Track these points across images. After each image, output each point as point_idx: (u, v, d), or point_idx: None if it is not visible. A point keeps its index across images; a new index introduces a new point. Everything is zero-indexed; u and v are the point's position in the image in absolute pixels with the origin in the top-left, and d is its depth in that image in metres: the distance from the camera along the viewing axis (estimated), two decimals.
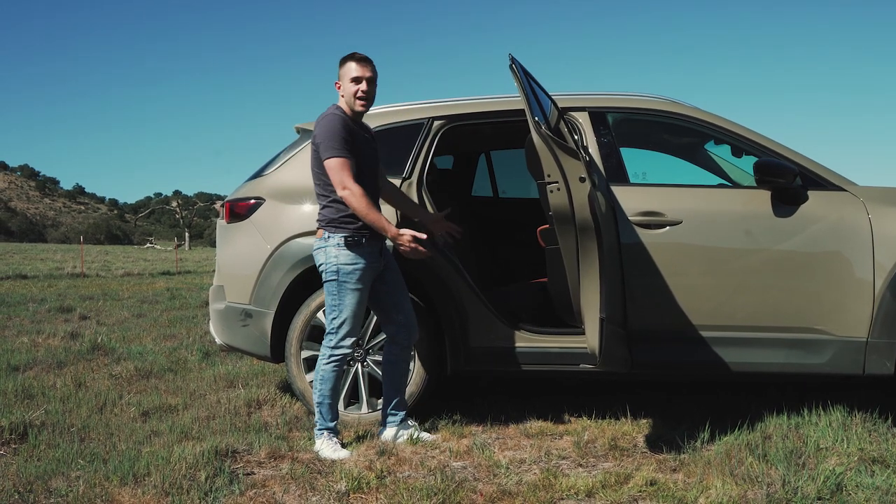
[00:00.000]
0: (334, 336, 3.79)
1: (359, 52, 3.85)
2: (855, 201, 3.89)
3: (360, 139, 3.82)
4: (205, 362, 6.30)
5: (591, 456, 3.61)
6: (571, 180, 3.45)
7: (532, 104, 3.50)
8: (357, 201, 3.65)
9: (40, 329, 8.44)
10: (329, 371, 3.80)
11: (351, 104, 3.81)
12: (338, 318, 3.78)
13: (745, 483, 3.11)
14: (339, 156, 3.67)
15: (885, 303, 3.76)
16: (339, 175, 3.67)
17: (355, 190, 3.65)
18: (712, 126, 4.23)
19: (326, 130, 3.70)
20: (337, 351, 3.80)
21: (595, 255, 3.41)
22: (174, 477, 3.23)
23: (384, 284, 3.93)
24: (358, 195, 3.66)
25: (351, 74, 3.79)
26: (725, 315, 3.94)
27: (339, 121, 3.72)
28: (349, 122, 3.77)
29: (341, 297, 3.76)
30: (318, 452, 3.71)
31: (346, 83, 3.80)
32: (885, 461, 3.33)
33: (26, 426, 4.14)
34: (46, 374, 5.83)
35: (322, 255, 3.78)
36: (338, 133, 3.69)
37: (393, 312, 3.95)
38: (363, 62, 3.81)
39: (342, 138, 3.68)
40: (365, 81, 3.79)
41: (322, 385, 3.80)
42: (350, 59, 3.82)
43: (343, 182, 3.66)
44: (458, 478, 3.27)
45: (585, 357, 4.00)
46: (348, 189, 3.66)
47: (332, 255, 3.75)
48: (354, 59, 3.81)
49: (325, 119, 3.74)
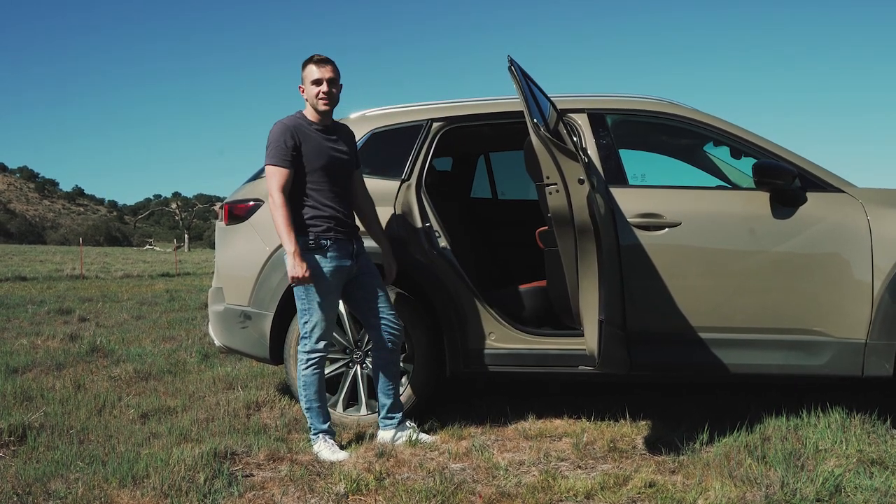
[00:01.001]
0: (308, 340, 3.80)
1: (318, 54, 3.86)
2: (854, 203, 3.89)
3: (316, 144, 3.80)
4: (204, 364, 6.30)
5: (589, 457, 3.61)
6: (570, 182, 3.45)
7: (531, 106, 3.50)
8: (274, 210, 3.67)
9: (39, 331, 8.44)
10: (310, 375, 3.80)
11: (315, 105, 3.82)
12: (309, 322, 3.78)
13: (744, 485, 3.11)
14: (272, 164, 3.70)
15: (884, 304, 3.76)
16: (268, 182, 3.71)
17: (277, 199, 3.66)
18: (711, 128, 4.23)
19: (270, 138, 3.75)
20: (313, 355, 3.80)
21: (594, 256, 3.41)
22: (173, 479, 3.23)
23: (361, 290, 3.92)
24: (277, 205, 3.66)
25: (312, 77, 3.80)
26: (724, 316, 3.94)
27: (283, 129, 3.75)
28: (298, 130, 3.77)
29: (310, 301, 3.76)
30: (317, 455, 3.71)
31: (308, 86, 3.82)
32: (884, 462, 3.33)
33: (25, 428, 4.14)
34: (45, 375, 5.83)
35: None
36: (277, 142, 3.72)
37: (370, 317, 3.94)
38: (322, 63, 3.82)
39: (281, 147, 3.71)
40: (325, 83, 3.79)
41: (306, 390, 3.81)
42: (309, 61, 3.84)
43: (269, 190, 3.70)
44: (457, 479, 3.27)
45: (584, 359, 4.00)
46: (271, 197, 3.68)
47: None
48: (313, 61, 3.83)
49: (274, 127, 3.78)
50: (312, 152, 3.77)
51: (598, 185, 3.93)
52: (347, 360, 4.27)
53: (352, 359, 4.27)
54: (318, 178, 3.78)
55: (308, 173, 3.76)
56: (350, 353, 4.27)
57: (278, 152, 3.70)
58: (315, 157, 3.77)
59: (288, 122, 3.79)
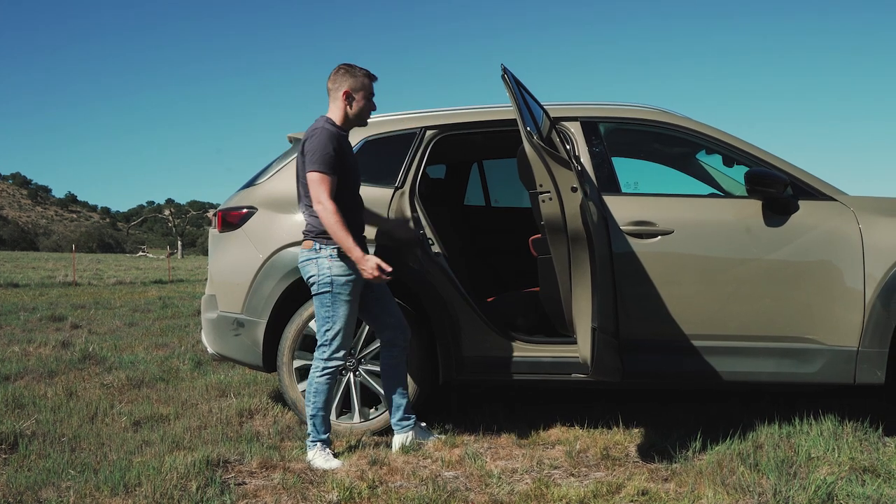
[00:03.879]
0: (327, 348, 3.78)
1: (368, 70, 3.91)
2: (845, 211, 3.91)
3: (350, 154, 3.85)
4: (197, 371, 6.29)
5: (582, 465, 3.61)
6: (563, 190, 3.46)
7: (524, 114, 3.51)
8: (329, 217, 3.64)
9: (31, 338, 8.40)
10: (322, 384, 3.79)
11: (361, 118, 3.89)
12: (331, 330, 3.77)
13: (737, 492, 3.11)
14: (321, 171, 3.66)
15: (876, 312, 3.77)
16: (316, 189, 3.67)
17: (329, 206, 3.64)
18: (703, 136, 4.25)
19: (317, 144, 3.69)
20: (330, 363, 3.79)
21: (587, 264, 3.42)
22: (165, 487, 3.22)
23: (371, 292, 3.93)
24: (331, 211, 3.64)
25: (370, 92, 3.87)
26: (717, 324, 3.95)
27: (331, 136, 3.73)
28: (342, 139, 3.79)
29: (335, 309, 3.76)
30: (310, 462, 3.70)
31: (362, 99, 3.85)
32: (876, 470, 3.34)
33: (17, 436, 4.13)
34: (37, 383, 5.81)
35: (313, 266, 3.76)
36: (327, 149, 3.68)
37: (384, 316, 3.96)
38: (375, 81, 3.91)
39: (330, 155, 3.68)
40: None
41: (315, 398, 3.80)
42: (370, 77, 3.88)
43: (319, 196, 3.66)
44: (449, 487, 3.27)
45: (577, 366, 4.01)
46: (322, 204, 3.65)
47: (325, 267, 3.74)
48: (371, 77, 3.88)
49: (317, 133, 3.73)
50: (348, 162, 3.81)
51: (591, 193, 3.94)
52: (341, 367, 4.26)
53: (345, 366, 4.26)
54: (347, 188, 3.80)
55: (341, 182, 3.76)
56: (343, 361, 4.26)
57: (326, 159, 3.67)
58: (349, 167, 3.81)
59: (329, 128, 3.76)
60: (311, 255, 3.78)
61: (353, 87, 3.82)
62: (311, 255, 3.78)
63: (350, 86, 3.82)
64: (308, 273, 3.80)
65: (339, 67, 3.87)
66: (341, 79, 3.84)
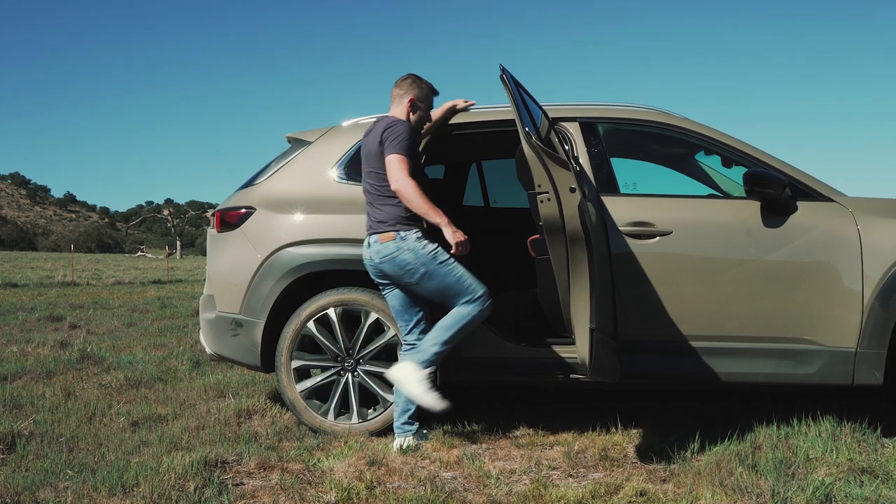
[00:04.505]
0: (473, 295, 3.91)
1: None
2: (844, 212, 3.91)
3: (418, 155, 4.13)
4: (195, 372, 6.29)
5: (581, 466, 3.60)
6: (562, 191, 3.46)
7: (523, 115, 3.51)
8: (412, 192, 3.83)
9: (30, 338, 8.40)
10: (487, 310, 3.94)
11: (420, 127, 4.16)
12: (463, 276, 3.91)
13: (735, 493, 3.11)
14: (401, 153, 3.86)
15: (874, 313, 3.77)
16: (397, 169, 3.85)
17: (411, 182, 3.84)
18: (702, 136, 4.25)
19: (400, 132, 3.91)
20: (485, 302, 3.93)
21: (585, 265, 3.42)
22: (163, 488, 3.22)
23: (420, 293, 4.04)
24: (413, 187, 3.84)
25: (431, 104, 4.18)
26: (715, 325, 3.95)
27: (410, 128, 3.97)
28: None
29: (452, 271, 3.90)
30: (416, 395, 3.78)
31: (425, 110, 4.14)
32: (875, 471, 3.34)
33: (14, 436, 4.12)
34: (35, 383, 5.80)
35: (408, 254, 3.87)
36: (408, 137, 3.92)
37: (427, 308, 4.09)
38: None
39: (409, 142, 3.92)
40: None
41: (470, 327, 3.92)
42: (434, 92, 4.17)
43: (398, 175, 3.85)
44: (448, 488, 3.27)
45: (576, 367, 4.01)
46: (403, 181, 3.84)
47: (420, 247, 3.88)
48: (436, 93, 4.19)
49: (399, 123, 3.95)
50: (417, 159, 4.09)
51: (590, 194, 3.94)
52: (339, 367, 4.27)
53: (343, 367, 4.26)
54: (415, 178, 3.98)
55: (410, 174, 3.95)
56: (342, 362, 4.26)
57: (407, 145, 3.89)
58: (418, 165, 4.09)
59: (407, 122, 4.02)
60: (398, 244, 3.88)
61: (418, 97, 4.09)
62: (399, 245, 3.88)
63: (416, 95, 4.09)
64: (405, 262, 3.88)
65: (408, 77, 4.12)
66: (408, 87, 4.09)
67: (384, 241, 3.91)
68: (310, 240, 4.32)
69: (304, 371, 4.36)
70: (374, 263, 3.95)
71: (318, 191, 4.45)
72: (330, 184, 4.47)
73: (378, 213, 3.96)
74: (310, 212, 4.39)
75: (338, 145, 4.56)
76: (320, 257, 4.29)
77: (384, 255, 3.91)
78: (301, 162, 4.58)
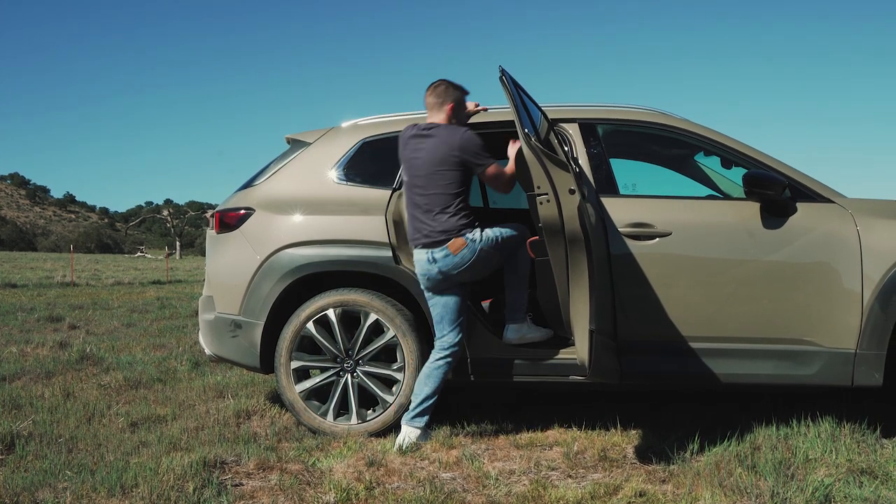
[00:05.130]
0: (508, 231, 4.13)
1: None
2: (843, 213, 3.91)
3: None
4: (194, 372, 6.28)
5: (580, 467, 3.60)
6: (561, 192, 3.46)
7: (522, 116, 3.51)
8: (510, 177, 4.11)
9: (29, 338, 8.39)
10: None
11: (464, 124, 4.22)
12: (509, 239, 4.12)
13: (735, 494, 3.11)
14: (492, 161, 4.05)
15: (874, 314, 3.77)
16: (500, 176, 4.08)
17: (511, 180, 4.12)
18: (702, 138, 4.25)
19: (475, 143, 4.02)
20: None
21: (585, 266, 3.42)
22: (162, 488, 3.22)
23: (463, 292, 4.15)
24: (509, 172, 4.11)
25: (465, 104, 4.26)
26: (714, 326, 3.95)
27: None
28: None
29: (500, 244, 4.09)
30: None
31: (463, 110, 4.23)
32: (874, 472, 3.34)
33: (14, 437, 4.12)
34: (35, 384, 5.80)
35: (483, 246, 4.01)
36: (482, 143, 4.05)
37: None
38: None
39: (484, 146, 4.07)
40: None
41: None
42: (465, 91, 4.24)
43: (505, 179, 4.10)
44: (447, 489, 3.27)
45: (576, 368, 4.01)
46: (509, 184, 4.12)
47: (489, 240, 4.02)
48: (467, 93, 4.26)
49: (469, 134, 4.04)
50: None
51: (589, 195, 3.94)
52: (338, 368, 4.26)
53: (342, 367, 4.26)
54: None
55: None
56: (341, 363, 4.26)
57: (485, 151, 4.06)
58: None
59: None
60: (472, 247, 3.99)
61: (457, 100, 4.18)
62: (473, 248, 3.99)
63: (455, 99, 4.17)
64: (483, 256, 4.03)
65: (440, 83, 4.19)
66: (445, 93, 4.16)
67: (458, 251, 3.97)
68: (309, 241, 4.32)
69: (304, 372, 4.36)
70: (442, 276, 4.00)
71: (318, 192, 4.45)
72: (329, 185, 4.46)
73: (437, 224, 3.99)
74: (309, 213, 4.39)
75: (337, 146, 4.56)
76: (319, 258, 4.29)
77: (461, 263, 3.98)
78: (300, 163, 4.58)
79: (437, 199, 3.99)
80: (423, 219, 4.02)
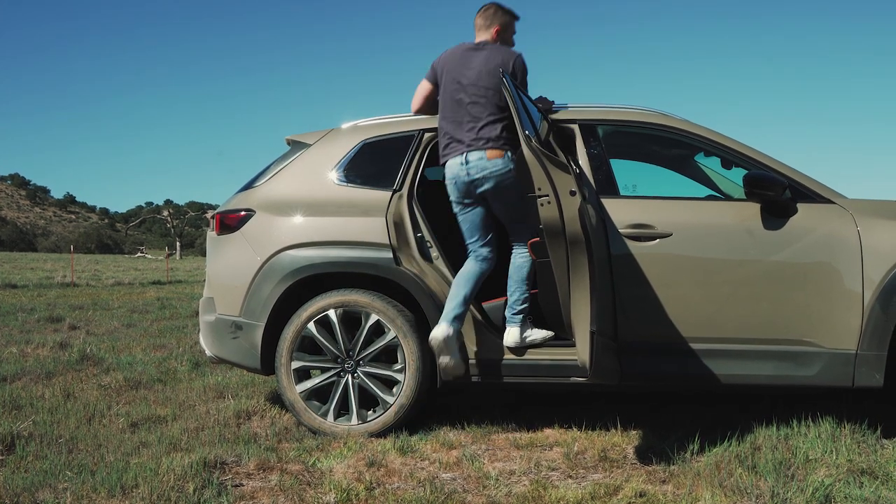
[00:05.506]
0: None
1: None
2: (844, 214, 3.91)
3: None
4: (194, 373, 6.28)
5: (580, 467, 3.60)
6: (562, 194, 3.46)
7: (522, 118, 3.51)
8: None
9: (29, 339, 8.39)
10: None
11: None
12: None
13: (735, 494, 3.11)
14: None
15: (874, 315, 3.77)
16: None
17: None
18: (702, 138, 4.25)
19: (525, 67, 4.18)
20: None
21: (585, 268, 3.42)
22: (162, 489, 3.22)
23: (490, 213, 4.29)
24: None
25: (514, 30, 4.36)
26: (715, 327, 3.96)
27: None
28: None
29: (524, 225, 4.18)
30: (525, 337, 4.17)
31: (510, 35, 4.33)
32: (874, 472, 3.35)
33: (14, 437, 4.12)
34: (35, 384, 5.80)
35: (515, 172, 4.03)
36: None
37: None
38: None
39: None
40: None
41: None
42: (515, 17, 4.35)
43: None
44: (447, 489, 3.27)
45: (576, 369, 4.01)
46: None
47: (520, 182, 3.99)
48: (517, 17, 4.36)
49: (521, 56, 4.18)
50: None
51: (590, 196, 3.94)
52: (339, 369, 4.26)
53: (343, 368, 4.26)
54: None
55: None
56: (342, 363, 4.26)
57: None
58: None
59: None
60: (506, 163, 4.03)
61: (503, 24, 4.28)
62: (506, 163, 4.03)
63: (501, 23, 4.28)
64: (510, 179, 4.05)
65: (490, 6, 4.29)
66: (493, 16, 4.28)
67: (492, 158, 4.03)
68: (309, 242, 4.32)
69: (304, 372, 4.36)
70: (469, 179, 4.09)
71: (318, 193, 4.45)
72: (329, 186, 4.47)
73: (483, 132, 4.05)
74: (309, 214, 4.39)
75: (337, 147, 4.56)
76: (320, 260, 4.29)
77: (492, 170, 4.04)
78: (301, 164, 4.58)
79: (487, 109, 4.08)
80: (466, 129, 4.11)
